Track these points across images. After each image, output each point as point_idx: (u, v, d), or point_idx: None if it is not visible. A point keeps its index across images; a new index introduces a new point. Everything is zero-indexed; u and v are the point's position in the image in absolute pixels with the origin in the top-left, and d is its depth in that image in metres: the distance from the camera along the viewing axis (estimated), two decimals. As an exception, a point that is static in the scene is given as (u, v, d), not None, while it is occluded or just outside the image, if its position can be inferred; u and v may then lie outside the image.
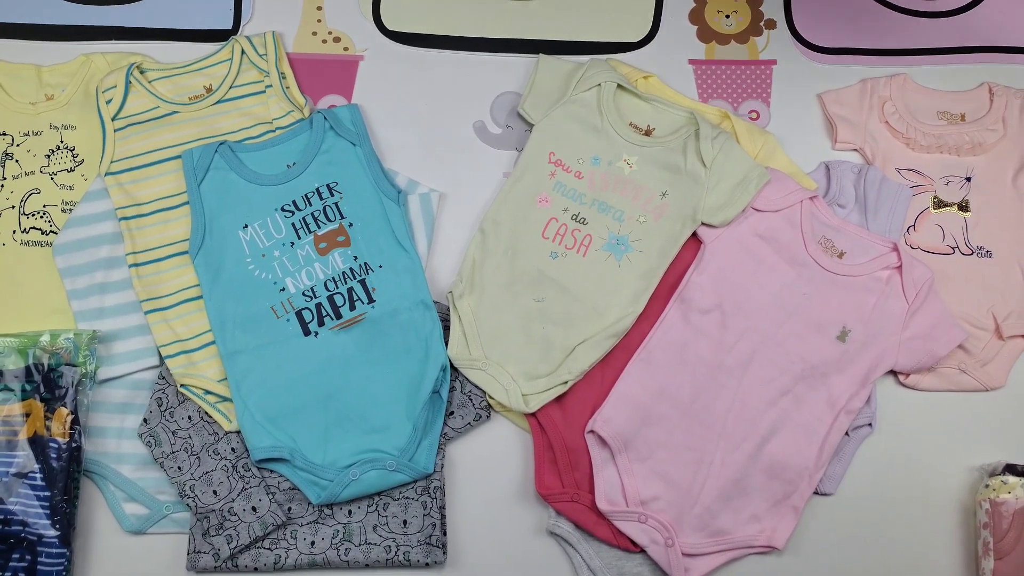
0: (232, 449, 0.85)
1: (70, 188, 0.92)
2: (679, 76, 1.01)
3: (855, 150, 1.00)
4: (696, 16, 1.04)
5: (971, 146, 0.98)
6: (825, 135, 1.00)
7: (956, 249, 0.95)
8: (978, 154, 0.98)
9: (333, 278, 0.89)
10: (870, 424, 0.90)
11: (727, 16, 1.04)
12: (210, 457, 0.84)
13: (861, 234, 0.93)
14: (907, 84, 1.01)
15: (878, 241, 0.92)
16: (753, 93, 1.01)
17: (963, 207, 0.97)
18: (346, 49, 1.00)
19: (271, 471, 0.85)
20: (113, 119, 0.93)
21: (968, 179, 0.98)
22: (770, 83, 1.01)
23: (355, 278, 0.89)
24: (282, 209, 0.91)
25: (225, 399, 0.86)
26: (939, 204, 0.97)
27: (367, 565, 0.83)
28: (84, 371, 0.85)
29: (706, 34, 1.04)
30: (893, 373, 0.92)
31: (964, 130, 0.98)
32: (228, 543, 0.81)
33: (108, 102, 0.93)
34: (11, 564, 0.79)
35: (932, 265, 0.93)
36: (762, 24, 1.04)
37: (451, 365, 0.88)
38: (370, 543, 0.83)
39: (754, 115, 1.00)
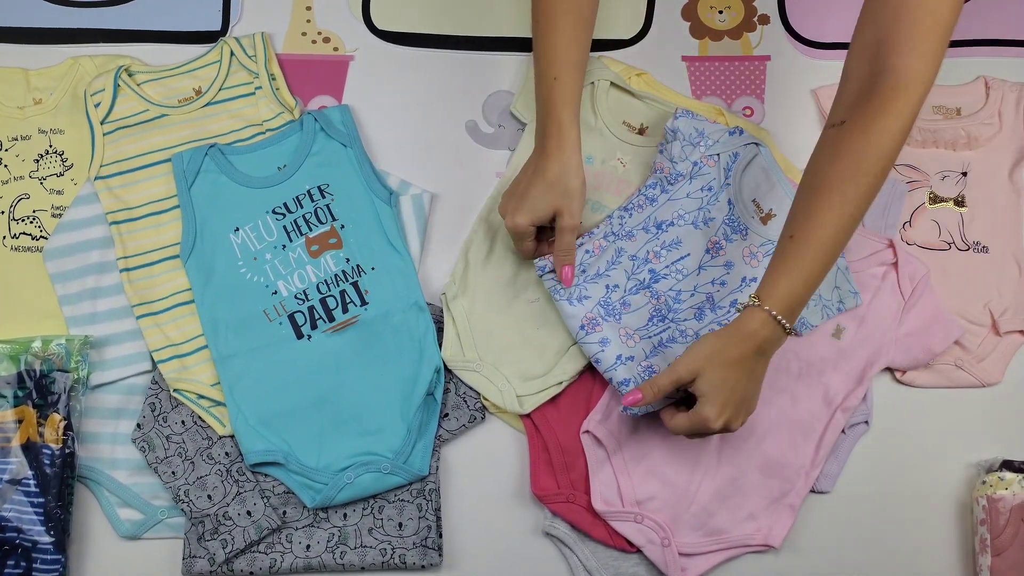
0: (226, 453, 0.84)
1: (60, 193, 0.92)
2: (672, 73, 1.00)
3: (850, 146, 0.99)
4: (689, 12, 1.03)
5: (967, 140, 0.97)
6: (820, 131, 0.99)
7: (952, 245, 0.95)
8: (974, 148, 0.98)
9: (325, 281, 0.89)
10: (866, 421, 0.89)
11: (720, 12, 1.03)
12: (204, 462, 0.84)
13: (856, 231, 0.92)
14: (902, 78, 1.00)
15: (873, 238, 0.92)
16: (747, 89, 1.00)
17: (959, 202, 0.96)
18: (336, 49, 1.00)
19: (265, 475, 0.85)
20: (102, 123, 0.92)
21: (964, 174, 0.97)
22: (764, 79, 1.01)
23: (347, 280, 0.89)
24: (273, 212, 0.90)
25: (218, 403, 0.86)
26: (935, 199, 0.96)
27: (363, 568, 0.83)
28: (76, 377, 0.84)
29: (699, 30, 1.03)
30: (889, 370, 0.91)
31: (960, 124, 0.98)
32: (223, 548, 0.81)
33: (97, 105, 0.92)
34: (6, 571, 0.79)
35: (928, 261, 0.93)
36: (755, 19, 1.04)
37: (445, 367, 0.88)
38: (366, 546, 0.83)
39: (748, 111, 1.00)
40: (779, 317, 0.72)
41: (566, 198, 0.80)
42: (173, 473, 0.83)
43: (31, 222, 0.91)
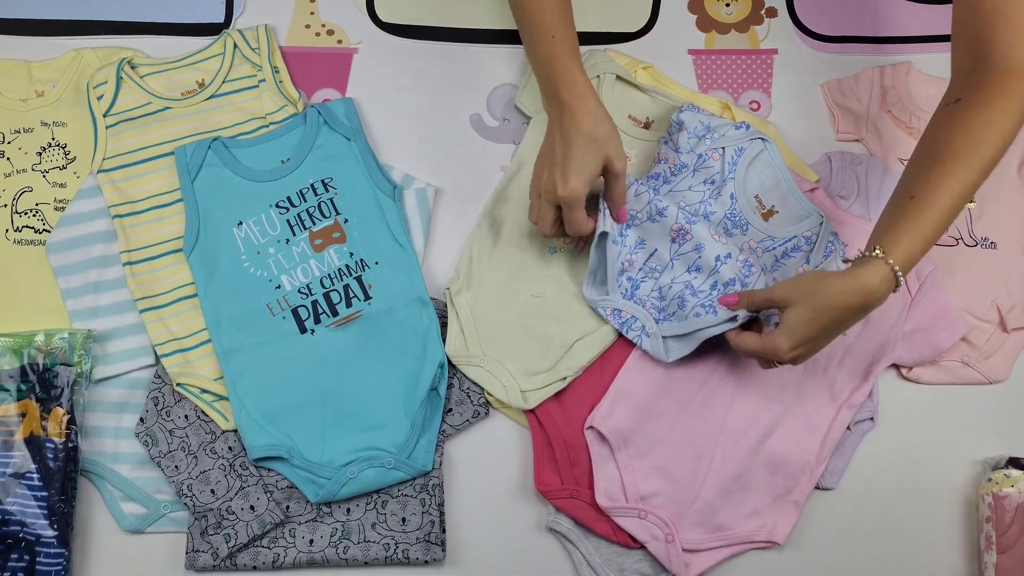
0: (229, 448, 0.84)
1: (62, 186, 0.92)
2: (678, 66, 1.00)
3: (857, 140, 0.98)
4: (695, 5, 1.03)
5: (975, 135, 0.96)
6: (827, 125, 0.99)
7: (960, 240, 0.94)
8: (982, 143, 0.97)
9: (329, 275, 0.88)
10: (872, 418, 0.89)
11: (727, 5, 1.03)
12: (207, 456, 0.84)
13: (864, 226, 0.92)
14: (911, 73, 1.00)
15: (880, 233, 0.91)
16: (754, 83, 1.00)
17: (967, 198, 0.95)
18: (340, 42, 0.99)
19: (269, 469, 0.84)
20: (105, 115, 0.92)
21: (972, 169, 0.96)
22: (771, 73, 1.00)
23: (351, 275, 0.88)
24: (276, 205, 0.90)
25: (222, 398, 0.85)
26: (943, 195, 0.95)
27: (366, 563, 0.83)
28: (79, 371, 0.84)
29: (706, 23, 1.02)
30: (895, 366, 0.91)
31: (968, 119, 0.97)
32: (226, 542, 0.81)
33: (99, 98, 0.92)
34: (10, 564, 0.79)
35: (935, 257, 0.92)
36: (763, 12, 1.03)
37: (449, 362, 0.87)
38: (369, 541, 0.83)
39: (755, 106, 0.99)
40: (899, 274, 0.72)
41: (610, 143, 0.78)
42: (176, 467, 0.83)
43: (34, 215, 0.91)
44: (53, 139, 0.93)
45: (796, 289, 0.73)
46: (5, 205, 0.91)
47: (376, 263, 0.89)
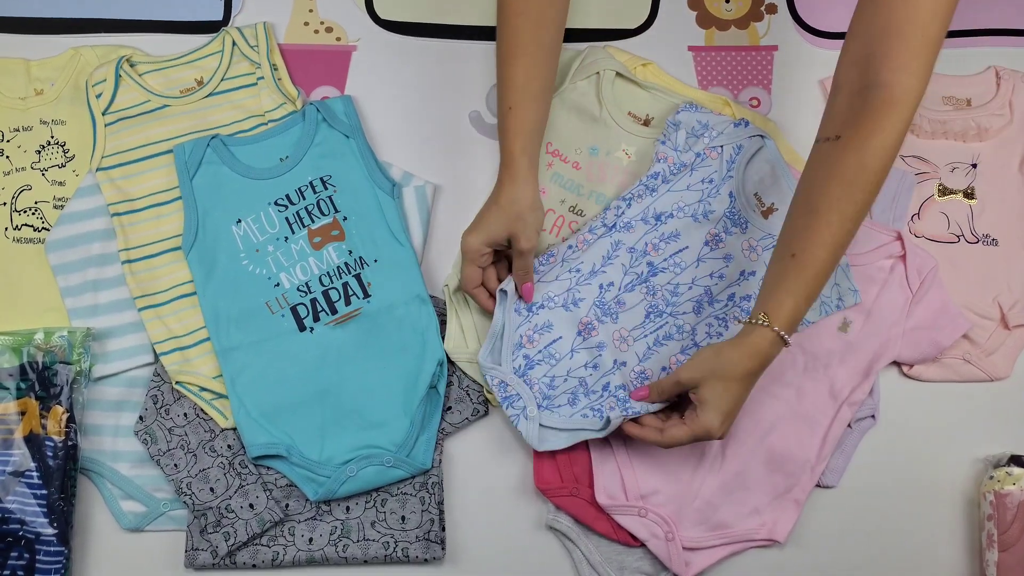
0: (228, 446, 0.84)
1: (61, 184, 0.92)
2: (678, 63, 0.99)
3: (858, 137, 0.98)
4: (695, 2, 1.02)
5: (977, 132, 0.96)
6: (827, 123, 0.98)
7: (961, 237, 0.94)
8: (984, 140, 0.97)
9: (328, 273, 0.88)
10: (873, 416, 0.89)
11: (727, 1, 1.02)
12: (206, 454, 0.84)
13: (864, 223, 0.91)
14: (911, 69, 0.99)
15: (881, 230, 0.91)
16: (754, 80, 0.99)
17: (969, 194, 0.95)
18: (339, 39, 0.99)
19: (268, 468, 0.84)
20: (103, 113, 0.92)
21: (974, 165, 0.96)
22: (771, 69, 1.00)
23: (350, 273, 0.88)
24: (275, 203, 0.90)
25: (221, 396, 0.85)
26: (944, 191, 0.95)
27: (365, 561, 0.83)
28: (79, 369, 0.84)
29: (706, 20, 1.02)
30: (896, 364, 0.91)
31: (970, 115, 0.97)
32: (226, 540, 0.81)
33: (98, 96, 0.92)
34: (9, 562, 0.80)
35: (937, 254, 0.92)
36: (763, 9, 1.02)
37: (448, 360, 0.87)
38: (368, 539, 0.83)
39: (755, 102, 0.99)
40: (786, 337, 0.74)
41: (519, 222, 0.81)
42: (175, 466, 0.83)
43: (33, 213, 0.91)
44: (52, 137, 0.93)
45: (699, 369, 0.75)
46: (4, 203, 0.91)
47: (375, 261, 0.89)
